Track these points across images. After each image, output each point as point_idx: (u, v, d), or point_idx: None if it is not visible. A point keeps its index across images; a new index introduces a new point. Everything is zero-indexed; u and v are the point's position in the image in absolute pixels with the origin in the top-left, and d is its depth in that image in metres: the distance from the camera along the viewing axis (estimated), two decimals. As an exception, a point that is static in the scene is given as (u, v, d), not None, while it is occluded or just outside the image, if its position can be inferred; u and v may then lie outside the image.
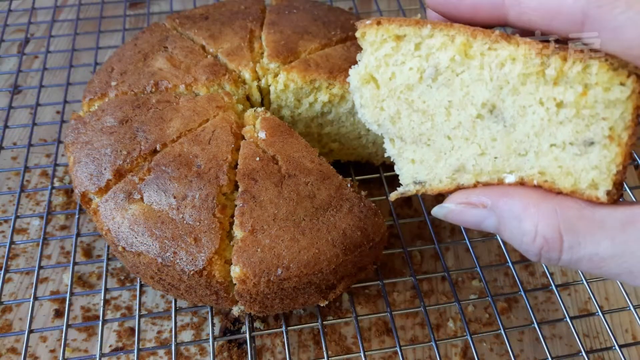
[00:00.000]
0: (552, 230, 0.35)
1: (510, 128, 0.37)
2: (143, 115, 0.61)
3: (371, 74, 0.41)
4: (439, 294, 0.67)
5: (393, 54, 0.40)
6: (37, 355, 0.61)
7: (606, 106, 0.34)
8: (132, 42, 0.71)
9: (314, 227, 0.53)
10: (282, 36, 0.68)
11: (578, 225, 0.34)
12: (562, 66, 0.34)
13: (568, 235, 0.34)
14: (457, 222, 0.40)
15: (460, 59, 0.37)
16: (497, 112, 0.38)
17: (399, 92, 0.40)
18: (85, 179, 0.58)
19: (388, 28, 0.39)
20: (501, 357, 0.62)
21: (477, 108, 0.38)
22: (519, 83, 0.36)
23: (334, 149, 0.73)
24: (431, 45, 0.38)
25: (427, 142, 0.41)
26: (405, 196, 0.43)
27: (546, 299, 0.67)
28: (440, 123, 0.40)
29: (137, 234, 0.53)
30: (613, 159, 0.34)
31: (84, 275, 0.68)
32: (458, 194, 0.40)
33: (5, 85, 0.90)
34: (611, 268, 0.34)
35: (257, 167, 0.56)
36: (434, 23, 0.38)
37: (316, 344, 0.63)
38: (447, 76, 0.38)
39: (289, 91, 0.65)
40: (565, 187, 0.36)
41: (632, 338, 0.64)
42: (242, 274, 0.51)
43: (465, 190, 0.40)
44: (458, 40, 0.37)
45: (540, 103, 0.36)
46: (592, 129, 0.35)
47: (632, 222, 0.33)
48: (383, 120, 0.42)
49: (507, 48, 0.36)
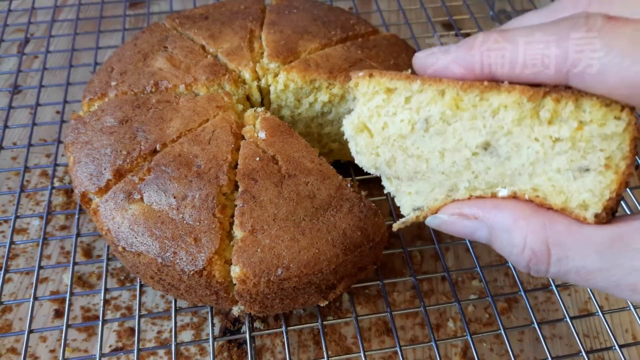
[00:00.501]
0: (540, 243, 0.35)
1: (505, 160, 0.38)
2: (143, 115, 0.61)
3: (364, 123, 0.42)
4: (439, 294, 0.67)
5: (384, 105, 0.40)
6: (37, 355, 0.61)
7: (603, 139, 0.34)
8: (132, 42, 0.71)
9: (314, 227, 0.53)
10: (282, 36, 0.68)
11: (566, 239, 0.35)
12: (555, 107, 0.34)
13: (556, 249, 0.35)
14: (450, 232, 0.41)
15: (452, 112, 0.38)
16: (491, 149, 0.38)
17: (393, 140, 0.41)
18: (85, 179, 0.58)
19: (379, 81, 0.40)
20: (501, 357, 0.62)
21: (472, 149, 0.38)
22: (513, 126, 0.36)
23: (334, 149, 0.73)
24: (421, 100, 0.39)
25: (423, 178, 0.42)
26: (408, 224, 0.44)
27: (546, 299, 0.67)
28: (435, 165, 0.40)
29: (137, 234, 0.53)
30: (608, 185, 0.35)
31: (84, 275, 0.68)
32: (451, 205, 0.41)
33: (5, 85, 0.90)
34: (598, 281, 0.35)
35: (257, 167, 0.56)
36: (423, 78, 0.38)
37: (316, 344, 0.63)
38: (439, 127, 0.39)
39: (289, 91, 0.65)
40: (555, 204, 0.37)
41: (632, 338, 0.64)
42: (242, 274, 0.51)
43: (459, 202, 0.41)
44: (448, 95, 0.37)
45: (535, 140, 0.36)
46: (588, 158, 0.35)
47: (619, 236, 0.34)
48: (379, 164, 0.43)
49: (499, 97, 0.36)
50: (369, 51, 0.67)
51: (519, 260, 0.37)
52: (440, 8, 1.01)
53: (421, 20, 0.97)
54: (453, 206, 0.41)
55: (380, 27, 0.83)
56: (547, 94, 0.35)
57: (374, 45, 0.69)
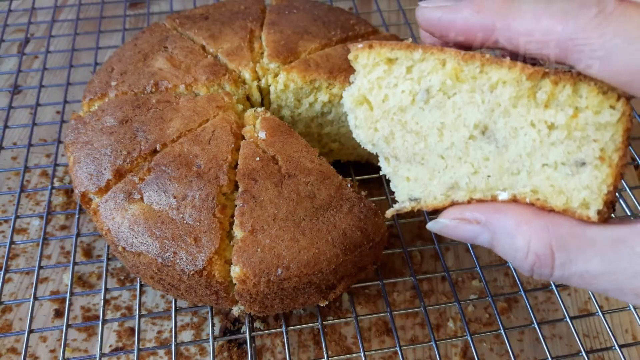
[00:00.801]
0: (544, 247, 0.35)
1: (503, 149, 0.38)
2: (143, 115, 0.61)
3: (364, 95, 0.42)
4: (439, 294, 0.67)
5: (385, 76, 0.40)
6: (37, 355, 0.61)
7: (597, 128, 0.34)
8: (132, 42, 0.71)
9: (314, 227, 0.53)
10: (282, 36, 0.68)
11: (569, 242, 0.35)
12: (552, 89, 0.35)
13: (560, 252, 0.35)
14: (451, 236, 0.41)
15: (452, 83, 0.38)
16: (489, 133, 0.38)
17: (392, 113, 0.41)
18: (85, 179, 0.58)
19: (380, 51, 0.40)
20: (501, 357, 0.62)
21: (470, 129, 0.38)
22: (510, 105, 0.36)
23: (334, 149, 0.73)
24: (423, 69, 0.39)
25: (421, 162, 0.41)
26: (402, 212, 0.44)
27: (546, 299, 0.67)
28: (433, 144, 0.40)
29: (137, 234, 0.53)
30: (604, 180, 0.35)
31: (84, 275, 0.68)
32: (452, 209, 0.40)
33: (5, 85, 0.90)
34: (601, 284, 0.35)
35: (257, 167, 0.56)
36: (425, 47, 0.38)
37: (316, 344, 0.63)
38: (439, 99, 0.39)
39: (289, 91, 0.65)
40: (557, 206, 0.37)
41: (632, 338, 0.64)
42: (242, 274, 0.51)
43: (460, 206, 0.40)
44: (449, 64, 0.37)
45: (531, 125, 0.36)
46: (583, 150, 0.35)
47: (623, 240, 0.34)
48: (377, 141, 0.43)
49: (498, 71, 0.36)
50: (369, 51, 0.67)
51: (522, 264, 0.37)
52: (440, 8, 1.01)
53: (421, 20, 0.96)
54: (454, 210, 0.40)
55: (380, 27, 0.83)
56: (546, 74, 0.35)
57: (374, 45, 0.69)
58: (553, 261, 0.35)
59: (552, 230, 0.35)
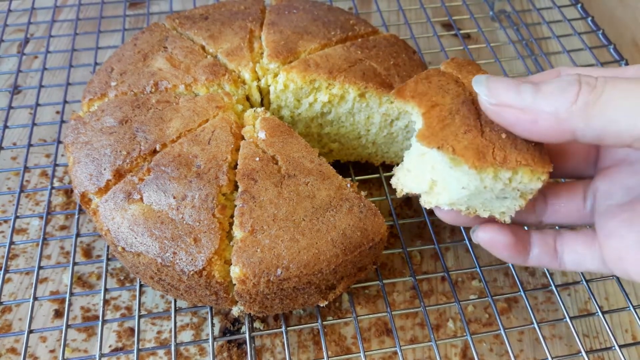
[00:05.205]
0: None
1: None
2: (143, 115, 0.61)
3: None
4: (439, 294, 0.67)
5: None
6: (36, 355, 0.61)
7: (524, 189, 0.48)
8: (132, 42, 0.71)
9: (314, 227, 0.53)
10: (282, 36, 0.68)
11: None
12: (495, 173, 0.46)
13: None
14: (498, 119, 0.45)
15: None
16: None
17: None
18: (84, 179, 0.58)
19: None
20: (501, 357, 0.62)
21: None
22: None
23: (334, 149, 0.73)
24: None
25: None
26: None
27: (546, 299, 0.67)
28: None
29: (137, 234, 0.53)
30: (520, 205, 0.49)
31: (84, 275, 0.68)
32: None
33: (5, 85, 0.90)
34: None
35: (256, 167, 0.56)
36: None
37: (316, 344, 0.63)
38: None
39: (289, 91, 0.65)
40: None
41: (632, 338, 0.64)
42: (241, 274, 0.51)
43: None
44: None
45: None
46: (508, 194, 0.49)
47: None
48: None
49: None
50: (368, 51, 0.67)
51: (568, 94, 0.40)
52: (440, 8, 1.01)
53: (421, 20, 0.97)
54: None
55: (380, 27, 0.83)
56: (492, 165, 0.45)
57: (373, 46, 0.69)
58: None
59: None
